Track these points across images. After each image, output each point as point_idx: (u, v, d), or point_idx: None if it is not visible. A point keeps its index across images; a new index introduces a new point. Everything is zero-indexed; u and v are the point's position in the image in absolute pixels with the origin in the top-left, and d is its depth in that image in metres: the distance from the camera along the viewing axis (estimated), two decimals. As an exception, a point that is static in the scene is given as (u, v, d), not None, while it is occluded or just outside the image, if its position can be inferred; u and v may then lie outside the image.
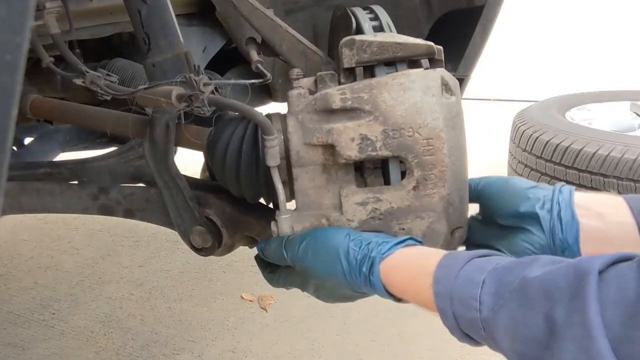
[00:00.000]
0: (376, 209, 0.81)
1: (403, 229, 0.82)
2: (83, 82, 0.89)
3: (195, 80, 0.82)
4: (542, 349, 0.55)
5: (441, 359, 1.84)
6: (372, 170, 0.84)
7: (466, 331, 0.65)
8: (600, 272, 0.53)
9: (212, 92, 0.84)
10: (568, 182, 2.45)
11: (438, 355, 1.84)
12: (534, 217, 0.79)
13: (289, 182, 0.86)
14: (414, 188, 0.80)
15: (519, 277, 0.59)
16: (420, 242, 0.78)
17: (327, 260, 0.78)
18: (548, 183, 2.69)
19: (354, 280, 0.76)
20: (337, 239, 0.78)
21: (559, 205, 0.78)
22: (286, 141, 0.84)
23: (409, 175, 0.80)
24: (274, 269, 0.93)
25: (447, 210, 0.81)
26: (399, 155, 0.79)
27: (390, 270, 0.74)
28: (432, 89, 0.79)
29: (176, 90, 0.81)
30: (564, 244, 0.77)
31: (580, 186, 2.41)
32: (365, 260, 0.75)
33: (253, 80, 0.94)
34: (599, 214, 0.76)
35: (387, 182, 0.83)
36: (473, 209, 0.87)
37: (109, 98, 0.90)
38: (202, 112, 0.84)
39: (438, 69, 0.81)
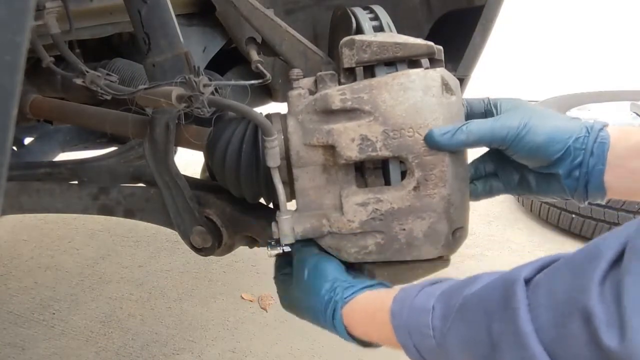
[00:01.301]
0: (377, 209, 0.81)
1: (404, 229, 0.81)
2: (83, 81, 0.89)
3: (195, 81, 0.82)
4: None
5: (441, 359, 1.84)
6: (373, 170, 0.84)
7: None
8: (529, 280, 0.54)
9: (212, 93, 0.84)
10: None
11: (438, 355, 1.85)
12: (559, 177, 0.79)
13: (289, 183, 0.86)
14: (415, 188, 0.79)
15: (460, 296, 0.61)
16: (388, 286, 0.79)
17: (306, 287, 0.82)
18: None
19: (321, 319, 0.79)
20: (325, 274, 0.81)
21: (587, 174, 0.77)
22: (286, 141, 0.83)
23: (410, 175, 0.80)
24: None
25: (448, 211, 0.80)
26: (399, 155, 0.79)
27: (352, 313, 0.76)
28: (432, 88, 0.79)
29: (176, 91, 0.81)
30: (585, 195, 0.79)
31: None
32: (330, 303, 0.77)
33: (253, 82, 0.93)
34: (631, 171, 0.74)
35: (387, 182, 0.83)
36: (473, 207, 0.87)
37: (109, 98, 0.90)
38: (201, 113, 0.84)
39: (438, 69, 0.81)
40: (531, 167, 0.82)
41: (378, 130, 0.78)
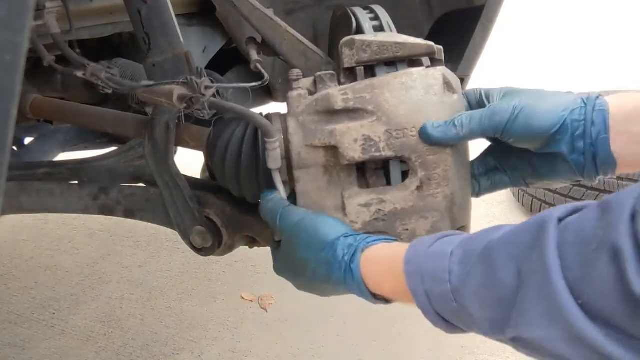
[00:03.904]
0: (380, 210, 0.81)
1: (407, 229, 0.81)
2: (84, 74, 0.88)
3: (196, 83, 0.81)
4: (509, 309, 0.54)
5: (441, 359, 1.84)
6: (374, 171, 0.84)
7: (439, 310, 0.63)
8: (561, 220, 0.52)
9: (214, 95, 0.84)
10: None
11: (438, 355, 1.85)
12: (563, 156, 0.76)
13: (289, 184, 0.86)
14: (418, 188, 0.79)
15: (485, 241, 0.59)
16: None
17: (315, 242, 0.76)
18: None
19: (334, 268, 0.74)
20: (334, 228, 0.77)
21: (593, 146, 0.74)
22: (287, 143, 0.83)
23: (412, 175, 0.80)
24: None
25: (451, 210, 0.80)
26: (402, 155, 0.79)
27: (370, 261, 0.72)
28: (434, 87, 0.79)
29: (178, 91, 0.81)
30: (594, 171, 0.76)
31: (581, 186, 2.42)
32: (349, 248, 0.73)
33: (254, 84, 0.93)
34: (637, 135, 0.72)
35: (389, 182, 0.83)
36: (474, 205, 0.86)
37: (110, 91, 0.89)
38: (202, 115, 0.84)
39: (439, 67, 0.81)
40: (533, 150, 0.79)
41: (381, 130, 0.78)
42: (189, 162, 1.61)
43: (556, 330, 0.49)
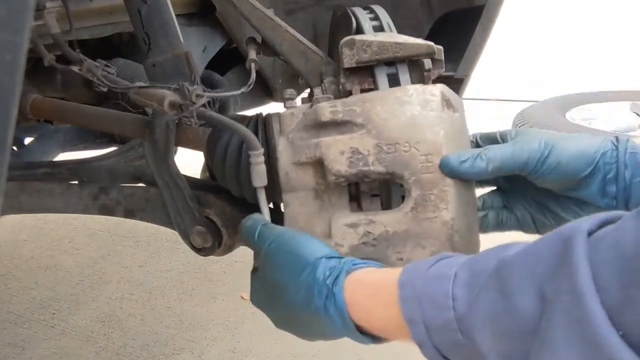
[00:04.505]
0: (369, 232, 0.73)
1: (401, 258, 0.73)
2: (80, 69, 0.88)
3: (188, 90, 0.80)
4: (529, 340, 0.45)
5: (441, 359, 1.84)
6: (370, 197, 0.79)
7: (438, 344, 0.54)
8: (590, 233, 0.44)
9: (204, 105, 0.82)
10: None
11: (438, 355, 1.84)
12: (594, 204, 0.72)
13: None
14: (412, 209, 0.72)
15: (495, 260, 0.51)
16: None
17: (293, 262, 0.68)
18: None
19: (314, 293, 0.64)
20: (316, 248, 0.68)
21: (627, 190, 0.70)
22: (275, 162, 0.80)
23: (407, 195, 0.73)
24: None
25: (451, 239, 0.72)
26: (393, 171, 0.73)
27: (356, 285, 0.63)
28: (431, 103, 0.74)
29: (170, 97, 0.80)
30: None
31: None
32: (333, 271, 0.64)
33: (242, 90, 0.90)
34: None
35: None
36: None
37: (105, 89, 0.89)
38: (188, 123, 0.83)
39: (438, 85, 0.77)
40: (558, 192, 0.75)
41: (370, 143, 0.73)
42: (189, 162, 1.61)
43: None
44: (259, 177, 0.79)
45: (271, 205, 0.87)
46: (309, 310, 0.65)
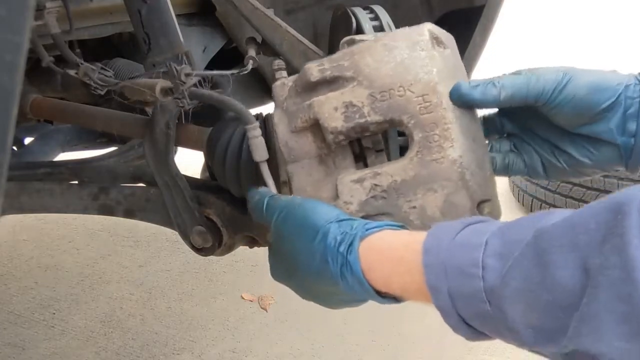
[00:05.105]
0: (376, 185, 0.70)
1: (414, 207, 0.69)
2: (76, 73, 0.88)
3: (176, 69, 0.80)
4: (569, 314, 0.43)
5: (441, 359, 1.84)
6: (374, 152, 0.77)
7: (463, 313, 0.52)
8: None
9: (196, 85, 0.82)
10: (567, 182, 2.46)
11: (438, 355, 1.84)
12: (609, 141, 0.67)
13: (288, 182, 0.81)
14: (417, 153, 0.68)
15: (532, 229, 0.47)
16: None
17: (304, 230, 0.65)
18: (547, 183, 2.64)
19: (328, 261, 0.62)
20: (325, 212, 0.65)
21: None
22: (274, 135, 0.78)
23: (409, 141, 0.70)
24: None
25: (463, 177, 0.68)
26: (392, 118, 0.70)
27: (372, 252, 0.60)
28: (419, 43, 0.70)
29: (160, 83, 0.80)
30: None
31: (580, 186, 2.42)
32: (345, 237, 0.61)
33: (234, 71, 0.91)
34: None
35: None
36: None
37: (102, 92, 0.89)
38: (181, 105, 0.82)
39: (425, 23, 0.72)
40: (572, 129, 0.70)
41: (363, 94, 0.70)
42: (189, 162, 1.61)
43: None
44: (259, 150, 0.78)
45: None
46: (326, 278, 0.62)
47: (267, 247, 0.93)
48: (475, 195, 0.69)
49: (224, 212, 1.02)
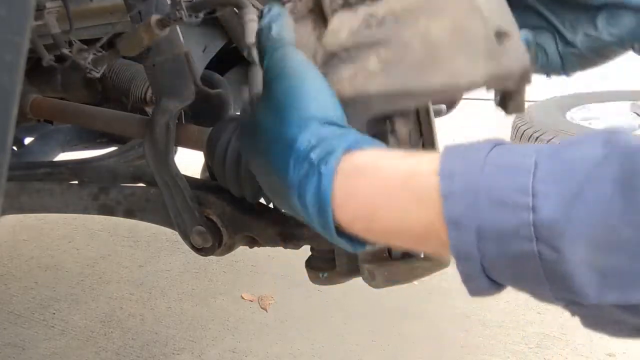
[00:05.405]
0: (371, 15, 0.59)
1: (416, 32, 0.58)
2: (70, 51, 0.87)
3: None
4: None
5: (441, 359, 1.84)
6: None
7: (490, 260, 0.40)
8: None
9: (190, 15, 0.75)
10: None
11: (438, 355, 1.85)
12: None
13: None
14: None
15: (601, 146, 0.37)
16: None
17: (285, 112, 0.50)
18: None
19: (290, 168, 0.47)
20: (315, 102, 0.50)
21: None
22: None
23: None
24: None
25: (473, 2, 0.58)
26: None
27: (355, 171, 0.45)
28: None
29: (153, 18, 0.77)
30: None
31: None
32: (322, 144, 0.46)
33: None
34: None
35: None
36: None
37: (98, 75, 0.88)
38: (179, 16, 0.72)
39: None
40: (593, 1, 0.65)
41: None
42: (189, 162, 1.61)
43: None
44: (254, 33, 0.66)
45: None
46: (283, 182, 0.48)
47: (267, 248, 0.93)
48: (490, 21, 0.58)
49: (224, 212, 1.02)
